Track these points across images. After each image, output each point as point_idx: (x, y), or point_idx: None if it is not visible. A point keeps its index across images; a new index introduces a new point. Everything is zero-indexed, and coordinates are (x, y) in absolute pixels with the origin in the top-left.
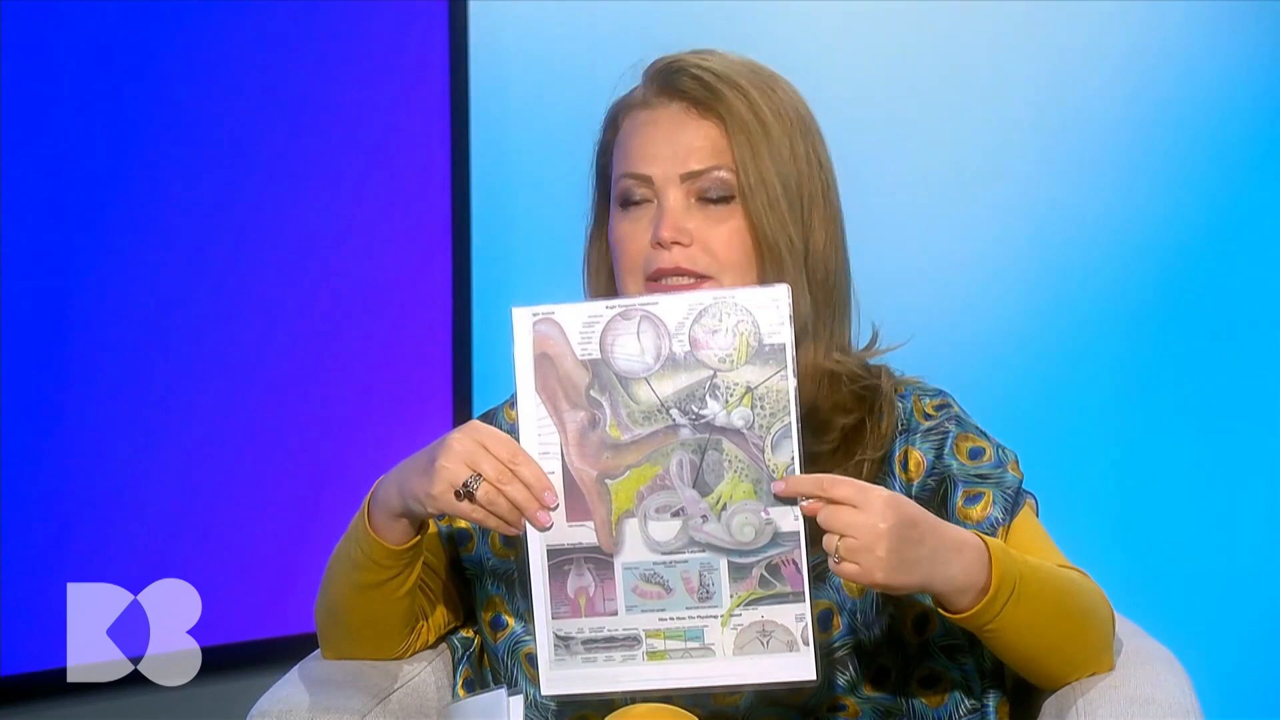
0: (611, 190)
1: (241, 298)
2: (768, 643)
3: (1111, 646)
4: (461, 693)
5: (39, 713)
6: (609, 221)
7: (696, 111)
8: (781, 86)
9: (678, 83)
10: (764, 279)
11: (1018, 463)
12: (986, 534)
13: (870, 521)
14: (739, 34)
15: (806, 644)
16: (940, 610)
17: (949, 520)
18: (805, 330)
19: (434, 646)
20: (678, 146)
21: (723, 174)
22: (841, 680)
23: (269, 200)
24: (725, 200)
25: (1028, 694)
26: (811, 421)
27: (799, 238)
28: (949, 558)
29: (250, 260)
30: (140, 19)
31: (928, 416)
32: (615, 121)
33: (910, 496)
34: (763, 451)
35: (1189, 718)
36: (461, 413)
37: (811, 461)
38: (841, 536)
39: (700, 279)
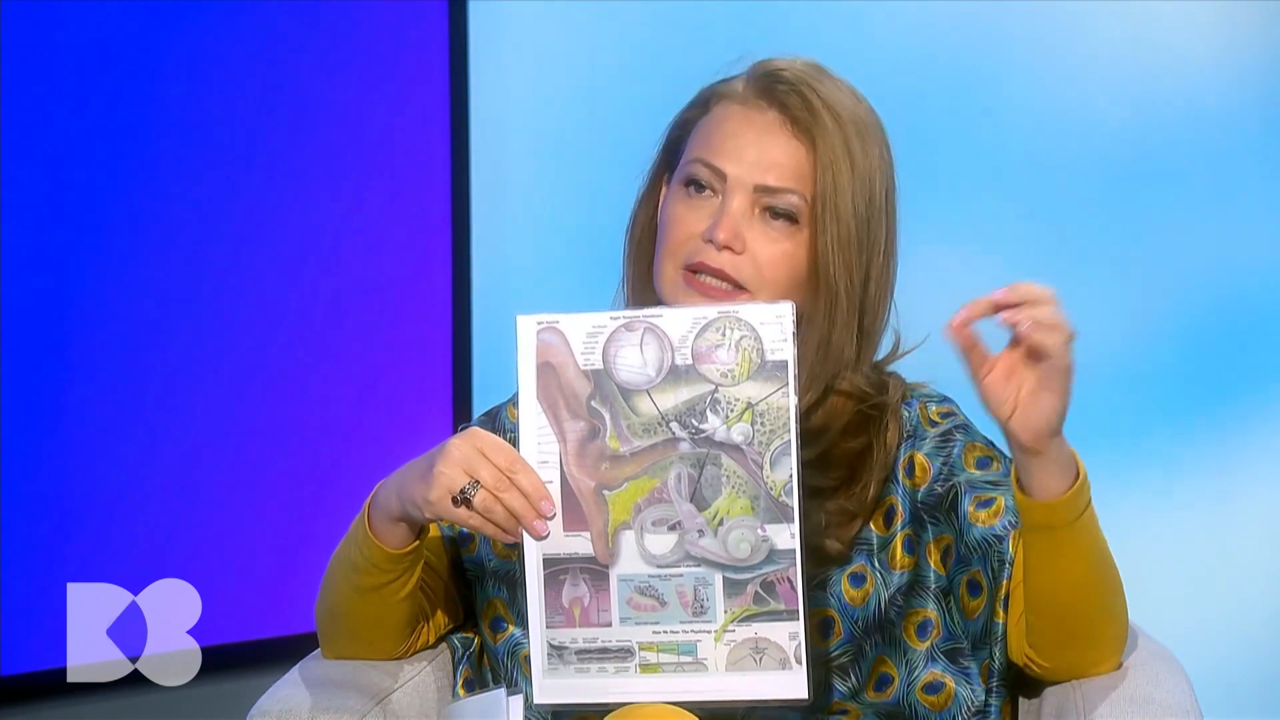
0: (677, 166)
1: (241, 298)
2: (760, 660)
3: (1124, 646)
4: (461, 692)
5: (39, 713)
6: (664, 195)
7: (791, 128)
8: (876, 124)
9: (781, 93)
10: (812, 311)
11: None
12: (1000, 534)
13: (1063, 318)
14: (741, 35)
15: (799, 662)
16: (1036, 501)
17: (963, 527)
18: (843, 365)
19: (434, 646)
20: (762, 155)
21: (795, 199)
22: (843, 687)
23: (269, 201)
24: (790, 220)
25: (1028, 696)
26: (818, 455)
27: (858, 281)
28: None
29: (250, 261)
30: (140, 19)
31: (933, 423)
32: (706, 104)
33: (916, 502)
34: (761, 468)
35: (1189, 718)
36: (461, 413)
37: (815, 496)
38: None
39: (738, 289)
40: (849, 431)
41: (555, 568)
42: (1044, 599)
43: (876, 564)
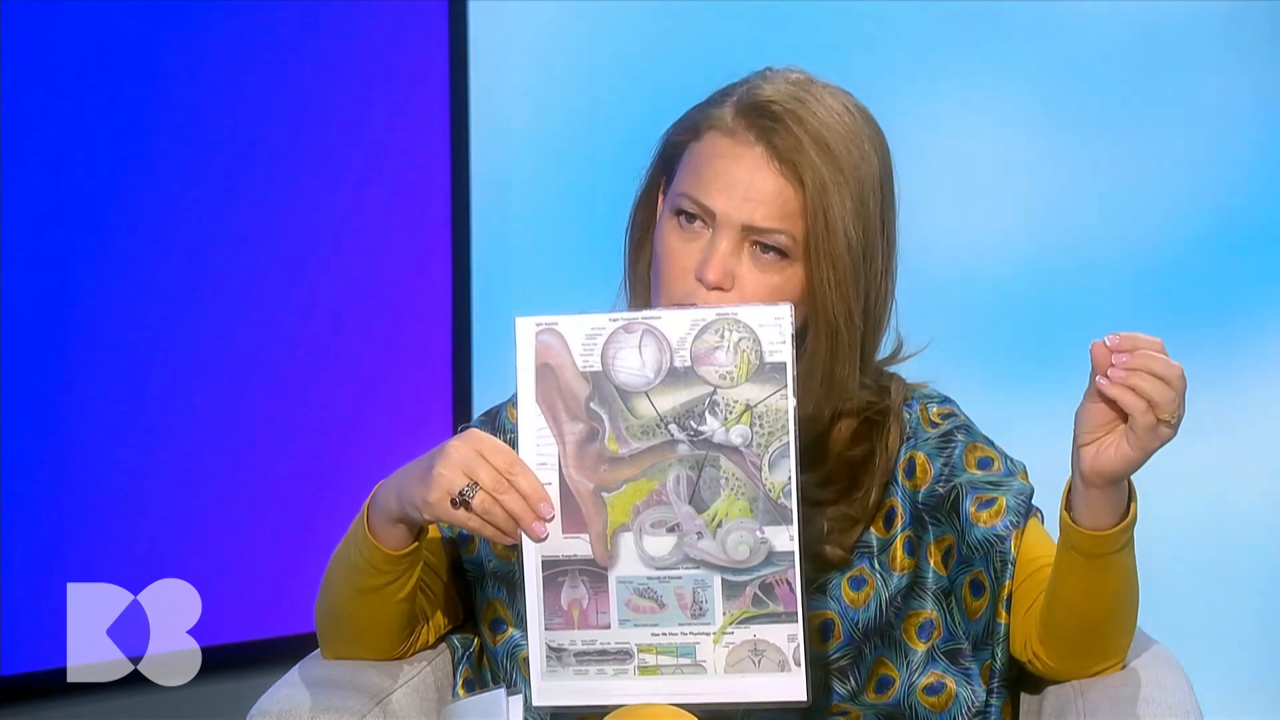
0: (671, 189)
1: (241, 299)
2: (759, 662)
3: (1129, 650)
4: (461, 693)
5: (39, 713)
6: (659, 218)
7: (778, 166)
8: (872, 133)
9: (768, 129)
10: (813, 344)
11: (1026, 473)
12: (1002, 534)
13: (1165, 398)
14: (742, 35)
15: (798, 664)
16: (1081, 529)
17: (964, 527)
18: (849, 390)
19: (434, 646)
20: (749, 194)
21: (784, 238)
22: (842, 689)
23: (269, 201)
24: (780, 254)
25: (1029, 695)
26: (818, 467)
27: (858, 311)
28: None
29: (250, 261)
30: (140, 19)
31: (933, 424)
32: (696, 129)
33: (916, 503)
34: (760, 470)
35: (1189, 718)
36: (461, 414)
37: (815, 505)
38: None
39: None
40: (852, 440)
41: (554, 570)
42: (1068, 612)
43: (877, 566)
